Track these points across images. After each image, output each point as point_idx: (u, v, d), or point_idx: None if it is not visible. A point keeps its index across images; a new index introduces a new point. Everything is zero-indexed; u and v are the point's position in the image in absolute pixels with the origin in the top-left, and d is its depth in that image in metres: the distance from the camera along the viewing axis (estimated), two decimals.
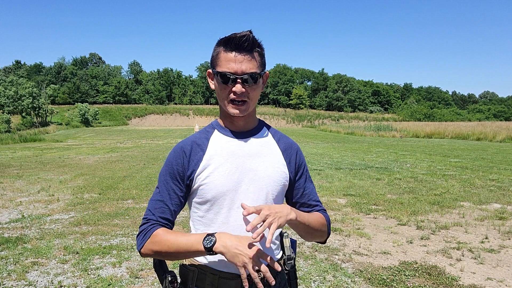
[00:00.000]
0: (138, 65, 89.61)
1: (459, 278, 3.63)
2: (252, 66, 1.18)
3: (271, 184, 1.25)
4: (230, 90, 1.19)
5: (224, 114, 1.30)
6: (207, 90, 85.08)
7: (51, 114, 50.68)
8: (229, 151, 1.26)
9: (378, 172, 10.23)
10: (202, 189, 1.23)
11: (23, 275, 3.65)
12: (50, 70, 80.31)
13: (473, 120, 62.38)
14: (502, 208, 6.32)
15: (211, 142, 1.29)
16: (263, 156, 1.27)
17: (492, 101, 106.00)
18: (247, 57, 1.17)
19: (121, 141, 24.27)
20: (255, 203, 1.20)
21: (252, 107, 1.24)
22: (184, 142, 1.31)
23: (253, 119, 1.32)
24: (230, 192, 1.22)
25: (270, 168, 1.26)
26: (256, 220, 1.06)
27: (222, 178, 1.22)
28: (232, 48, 1.17)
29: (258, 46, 1.20)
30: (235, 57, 1.17)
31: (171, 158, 1.28)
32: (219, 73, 1.18)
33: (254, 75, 1.18)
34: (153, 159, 13.54)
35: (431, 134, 30.45)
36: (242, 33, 1.17)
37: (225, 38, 1.19)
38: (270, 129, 1.38)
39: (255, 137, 1.31)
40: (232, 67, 1.16)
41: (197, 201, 1.25)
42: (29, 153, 16.35)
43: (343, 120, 67.59)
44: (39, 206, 6.54)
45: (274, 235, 1.23)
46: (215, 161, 1.24)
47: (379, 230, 5.21)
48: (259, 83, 1.22)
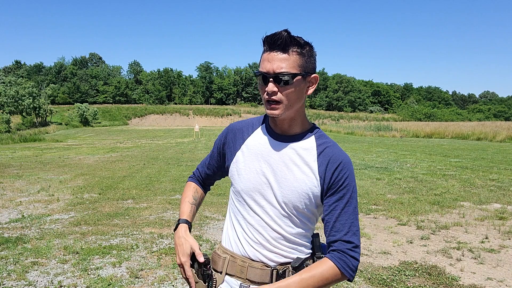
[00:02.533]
0: (138, 65, 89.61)
1: (459, 278, 3.63)
2: (285, 65, 1.13)
3: (294, 196, 1.21)
4: (265, 90, 1.17)
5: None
6: (207, 90, 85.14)
7: (50, 114, 50.68)
8: (265, 150, 1.27)
9: (378, 172, 10.23)
10: (233, 178, 1.32)
11: (23, 275, 3.64)
12: (50, 70, 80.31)
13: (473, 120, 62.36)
14: (502, 208, 6.32)
15: (254, 135, 1.32)
16: (295, 166, 1.22)
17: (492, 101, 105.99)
18: (279, 56, 1.14)
19: (121, 141, 24.26)
20: (273, 211, 1.23)
21: (290, 110, 1.18)
22: (233, 124, 1.40)
23: (298, 124, 1.26)
24: (254, 193, 1.26)
25: (299, 180, 1.21)
26: None
27: (250, 176, 1.26)
28: (267, 47, 1.17)
29: (296, 45, 1.15)
30: (268, 56, 1.15)
31: (220, 135, 1.42)
32: (256, 73, 1.19)
33: (284, 75, 1.13)
34: (153, 159, 13.54)
35: (431, 134, 30.44)
36: (277, 32, 1.14)
37: (263, 37, 1.18)
38: (319, 139, 1.26)
39: (296, 144, 1.25)
40: (265, 66, 1.15)
41: (232, 187, 1.35)
42: (29, 153, 16.35)
43: (343, 120, 67.57)
44: (39, 206, 6.54)
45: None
46: (250, 155, 1.28)
47: (379, 230, 5.21)
48: (293, 84, 1.15)
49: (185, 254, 1.30)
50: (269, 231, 1.23)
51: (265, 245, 1.24)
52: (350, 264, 1.15)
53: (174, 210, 6.26)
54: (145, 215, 5.96)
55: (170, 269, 3.82)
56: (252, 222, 1.26)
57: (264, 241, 1.24)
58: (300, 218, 1.24)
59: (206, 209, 6.27)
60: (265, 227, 1.24)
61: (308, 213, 1.24)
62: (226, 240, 1.35)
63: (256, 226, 1.25)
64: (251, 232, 1.26)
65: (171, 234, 4.96)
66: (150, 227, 5.29)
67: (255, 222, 1.25)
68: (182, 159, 13.64)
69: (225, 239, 1.36)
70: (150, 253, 4.26)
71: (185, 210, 1.43)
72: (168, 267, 3.87)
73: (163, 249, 4.38)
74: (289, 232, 1.24)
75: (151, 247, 4.45)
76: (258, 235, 1.24)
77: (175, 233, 1.37)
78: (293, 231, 1.24)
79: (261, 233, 1.24)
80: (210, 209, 6.27)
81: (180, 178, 9.28)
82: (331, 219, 1.19)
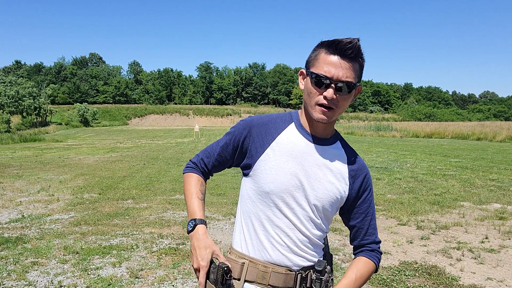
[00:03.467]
0: (138, 65, 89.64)
1: (459, 278, 3.63)
2: (350, 75, 1.13)
3: (327, 199, 1.23)
4: (321, 94, 1.14)
5: (306, 115, 1.25)
6: (207, 90, 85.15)
7: (50, 114, 50.68)
8: (299, 151, 1.23)
9: (378, 172, 10.23)
10: (259, 177, 1.23)
11: (23, 275, 3.64)
12: (50, 70, 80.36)
13: (473, 120, 62.38)
14: (502, 208, 6.32)
15: (285, 133, 1.26)
16: (329, 169, 1.24)
17: (492, 101, 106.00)
18: (348, 64, 1.12)
19: (121, 141, 24.26)
20: (304, 212, 1.22)
21: (337, 116, 1.19)
22: (257, 118, 1.31)
23: (332, 128, 1.28)
24: (285, 194, 1.21)
25: (332, 184, 1.23)
26: None
27: (282, 176, 1.21)
28: (335, 52, 1.13)
29: (361, 56, 1.15)
30: (335, 62, 1.12)
31: (238, 127, 1.30)
32: (315, 74, 1.14)
33: (350, 85, 1.13)
34: (153, 159, 13.54)
35: (431, 134, 30.44)
36: (349, 38, 1.12)
37: (330, 40, 1.14)
38: (344, 144, 1.32)
39: (329, 147, 1.26)
40: (330, 71, 1.12)
41: (252, 186, 1.26)
42: (29, 153, 16.35)
43: (343, 120, 67.54)
44: (39, 206, 6.54)
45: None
46: (282, 154, 1.22)
47: (379, 230, 5.21)
48: (351, 94, 1.17)
49: (205, 259, 1.18)
50: (297, 234, 1.22)
51: (292, 248, 1.22)
52: (380, 259, 1.33)
53: (174, 210, 6.26)
54: (145, 215, 5.96)
55: (170, 269, 3.82)
56: (280, 225, 1.22)
57: (292, 244, 1.22)
58: (324, 221, 1.26)
59: (206, 209, 6.26)
60: (293, 230, 1.21)
61: (331, 216, 1.28)
62: (242, 244, 1.28)
63: (285, 229, 1.21)
64: (279, 235, 1.22)
65: (171, 234, 4.96)
66: (150, 227, 5.29)
67: (284, 225, 1.22)
68: (182, 159, 13.63)
69: (240, 243, 1.29)
70: (150, 253, 4.26)
71: (197, 208, 1.31)
72: (168, 267, 3.87)
73: (163, 249, 4.38)
74: (315, 235, 1.24)
75: (151, 247, 4.45)
76: (287, 238, 1.22)
77: (193, 234, 1.23)
78: (318, 234, 1.25)
79: (289, 236, 1.22)
80: (210, 209, 6.27)
81: (180, 178, 9.28)
82: (365, 226, 1.31)
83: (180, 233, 4.99)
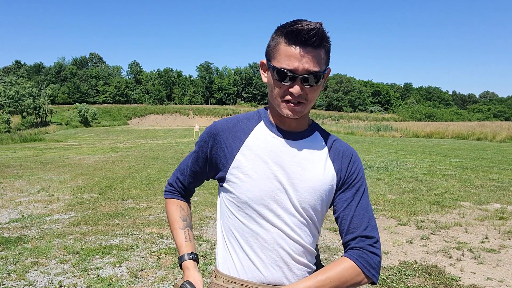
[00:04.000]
0: (138, 65, 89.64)
1: (459, 278, 3.63)
2: (316, 64, 1.00)
3: (313, 198, 1.09)
4: (287, 90, 1.02)
5: (274, 111, 1.12)
6: (207, 90, 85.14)
7: (50, 114, 50.68)
8: (273, 150, 1.09)
9: (378, 172, 10.23)
10: (234, 187, 1.10)
11: (23, 275, 3.64)
12: (50, 70, 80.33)
13: (473, 120, 62.39)
14: (502, 208, 6.32)
15: (254, 133, 1.13)
16: (310, 164, 1.10)
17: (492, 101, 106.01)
18: (312, 53, 1.00)
19: (121, 141, 24.26)
20: (291, 220, 1.08)
21: (308, 109, 1.08)
22: (221, 123, 1.17)
23: (306, 120, 1.15)
24: (268, 201, 1.07)
25: (317, 180, 1.09)
26: None
27: (260, 182, 1.07)
28: (297, 42, 0.99)
29: (326, 41, 1.02)
30: (298, 53, 0.99)
31: (203, 136, 1.18)
32: (276, 68, 1.01)
33: (317, 75, 1.01)
34: (153, 159, 13.54)
35: (431, 134, 30.43)
36: (310, 24, 0.97)
37: (289, 27, 0.99)
38: (324, 133, 1.18)
39: (305, 141, 1.13)
40: (293, 64, 0.99)
41: (229, 198, 1.13)
42: (29, 153, 16.35)
43: (343, 120, 67.53)
44: (39, 206, 6.54)
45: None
46: (254, 158, 1.09)
47: (379, 230, 5.18)
48: (320, 83, 1.05)
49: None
50: (291, 245, 1.07)
51: (288, 262, 1.08)
52: (371, 262, 1.03)
53: None
54: (145, 215, 5.96)
55: (170, 269, 3.82)
56: (268, 238, 1.07)
57: (287, 257, 1.08)
58: (315, 223, 1.12)
59: (206, 209, 6.27)
60: (286, 240, 1.07)
61: (323, 215, 1.15)
62: (228, 265, 1.13)
63: (277, 240, 1.07)
64: (270, 249, 1.07)
65: (171, 234, 4.96)
66: (150, 227, 5.29)
67: (275, 236, 1.07)
68: (182, 159, 13.63)
69: (226, 264, 1.14)
70: (150, 253, 4.26)
71: (181, 240, 1.23)
72: (168, 267, 3.87)
73: (163, 249, 4.38)
74: (309, 242, 1.11)
75: (151, 247, 4.45)
76: (279, 251, 1.07)
77: (183, 272, 1.20)
78: (311, 240, 1.12)
79: (282, 248, 1.07)
80: (210, 209, 6.27)
81: None
82: (348, 215, 1.09)
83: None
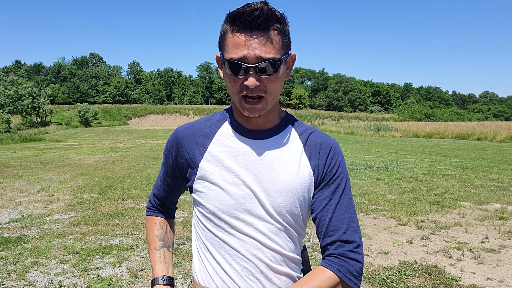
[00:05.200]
0: (138, 65, 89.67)
1: (459, 278, 3.63)
2: (269, 49, 0.88)
3: (288, 201, 0.98)
4: (242, 84, 0.91)
5: (237, 109, 1.02)
6: (207, 90, 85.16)
7: (50, 114, 50.69)
8: (239, 153, 0.99)
9: (378, 172, 10.22)
10: (202, 197, 1.02)
11: (23, 275, 3.64)
12: (50, 70, 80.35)
13: (473, 120, 62.36)
14: (502, 208, 6.32)
15: (218, 137, 1.03)
16: (282, 164, 0.99)
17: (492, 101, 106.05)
18: (262, 38, 0.88)
19: (121, 141, 24.26)
20: (267, 226, 0.98)
21: (272, 103, 0.96)
22: (182, 130, 1.08)
23: (274, 115, 1.03)
24: (237, 210, 0.98)
25: (291, 180, 0.98)
26: None
27: (229, 188, 0.98)
28: (241, 27, 0.88)
29: (277, 21, 0.90)
30: (245, 40, 0.87)
31: (167, 146, 1.11)
32: (227, 61, 0.90)
33: (273, 62, 0.89)
34: (153, 159, 13.54)
35: (431, 134, 30.42)
36: (253, 5, 0.86)
37: (232, 13, 0.90)
38: (298, 127, 1.06)
39: (276, 138, 1.02)
40: (242, 53, 0.88)
41: (199, 209, 1.04)
42: (29, 153, 16.35)
43: (343, 120, 67.52)
44: (39, 206, 6.54)
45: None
46: (219, 164, 1.00)
47: (379, 230, 5.21)
48: (279, 72, 0.92)
49: None
50: (268, 254, 0.98)
51: (267, 273, 0.98)
52: (352, 270, 0.95)
53: None
54: (145, 215, 5.95)
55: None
56: (242, 249, 0.98)
57: (266, 268, 0.98)
58: (295, 228, 1.01)
59: None
60: (262, 249, 0.97)
61: (304, 218, 1.03)
62: (203, 277, 1.04)
63: (253, 251, 0.97)
64: (245, 261, 0.98)
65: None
66: None
67: (248, 246, 0.97)
68: None
69: (200, 276, 1.05)
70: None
71: (155, 263, 1.16)
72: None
73: None
74: (288, 249, 1.01)
75: None
76: (257, 261, 0.98)
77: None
78: (291, 247, 1.01)
79: (259, 259, 0.98)
80: None
81: None
82: (327, 216, 0.98)
83: (180, 233, 4.99)
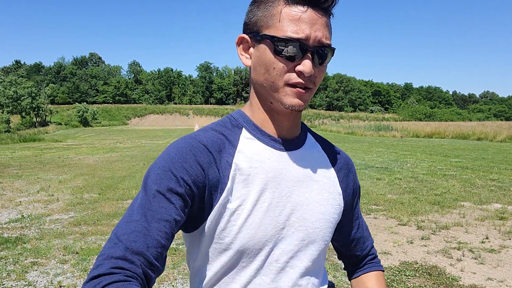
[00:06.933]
0: (138, 65, 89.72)
1: (460, 278, 3.63)
2: (328, 35, 0.73)
3: (324, 228, 0.82)
4: (293, 68, 0.72)
5: (262, 108, 0.80)
6: (207, 90, 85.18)
7: (50, 114, 50.70)
8: (271, 169, 0.77)
9: (378, 172, 10.22)
10: (226, 230, 0.75)
11: (23, 275, 3.64)
12: (50, 70, 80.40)
13: (473, 120, 62.42)
14: (502, 208, 6.32)
15: (240, 152, 0.77)
16: (314, 182, 0.82)
17: (493, 100, 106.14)
18: (324, 19, 0.72)
19: (120, 141, 24.26)
20: (299, 259, 0.80)
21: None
22: (192, 143, 0.74)
23: (300, 121, 0.84)
24: (271, 241, 0.76)
25: (324, 201, 0.83)
26: None
27: (261, 217, 0.75)
28: (305, 0, 0.70)
29: (336, 5, 0.74)
30: (309, 17, 0.70)
31: (182, 166, 0.71)
32: (278, 38, 0.70)
33: (331, 51, 0.75)
34: (153, 159, 13.53)
35: (432, 134, 30.42)
36: None
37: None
38: (315, 135, 0.90)
39: (302, 149, 0.83)
40: (303, 31, 0.69)
41: (214, 245, 0.77)
42: (29, 153, 16.34)
43: (343, 120, 67.55)
44: (38, 206, 6.53)
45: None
46: (247, 185, 0.75)
47: (379, 230, 5.20)
48: (326, 63, 0.76)
49: None
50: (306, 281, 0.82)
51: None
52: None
53: None
54: None
55: (170, 269, 3.81)
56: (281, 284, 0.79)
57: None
58: (324, 249, 0.87)
59: None
60: (302, 278, 0.81)
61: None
62: None
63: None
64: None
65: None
66: None
67: (281, 285, 0.78)
68: None
69: None
70: None
71: None
72: (167, 267, 3.86)
73: None
74: (322, 270, 0.89)
75: None
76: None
77: None
78: (322, 265, 0.89)
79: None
80: None
81: None
82: (363, 231, 0.98)
83: (180, 233, 4.97)
